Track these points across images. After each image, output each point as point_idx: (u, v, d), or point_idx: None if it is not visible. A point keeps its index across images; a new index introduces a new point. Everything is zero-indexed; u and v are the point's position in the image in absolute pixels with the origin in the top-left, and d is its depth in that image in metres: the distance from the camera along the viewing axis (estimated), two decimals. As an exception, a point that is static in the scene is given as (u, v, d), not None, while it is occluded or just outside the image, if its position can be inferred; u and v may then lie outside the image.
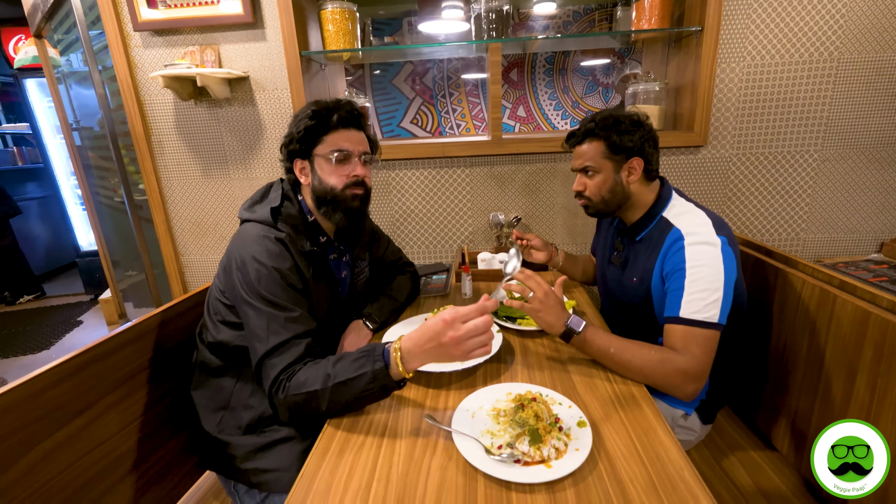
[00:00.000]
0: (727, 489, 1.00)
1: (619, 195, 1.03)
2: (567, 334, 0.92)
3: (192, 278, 1.89)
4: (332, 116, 0.96)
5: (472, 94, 3.22)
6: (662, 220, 1.00)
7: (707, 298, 0.86)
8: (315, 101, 0.99)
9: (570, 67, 2.91)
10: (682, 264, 0.90)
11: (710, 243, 0.90)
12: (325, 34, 1.56)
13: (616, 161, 1.01)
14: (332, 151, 0.96)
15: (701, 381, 0.85)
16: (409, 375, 0.77)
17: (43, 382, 0.76)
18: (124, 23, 1.60)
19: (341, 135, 0.97)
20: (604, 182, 1.02)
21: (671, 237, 0.95)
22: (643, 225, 1.04)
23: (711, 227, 0.93)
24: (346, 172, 0.98)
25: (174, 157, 1.73)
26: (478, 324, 0.72)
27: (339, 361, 0.80)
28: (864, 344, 0.83)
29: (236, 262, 0.90)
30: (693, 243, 0.91)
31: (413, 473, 0.65)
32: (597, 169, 1.02)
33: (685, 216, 0.98)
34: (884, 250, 1.66)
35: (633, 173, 1.01)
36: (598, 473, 0.63)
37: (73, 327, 3.17)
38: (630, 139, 0.98)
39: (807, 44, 1.49)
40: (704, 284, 0.87)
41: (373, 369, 0.76)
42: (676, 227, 0.95)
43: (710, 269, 0.88)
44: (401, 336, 0.78)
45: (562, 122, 2.79)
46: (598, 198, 1.04)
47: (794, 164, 1.61)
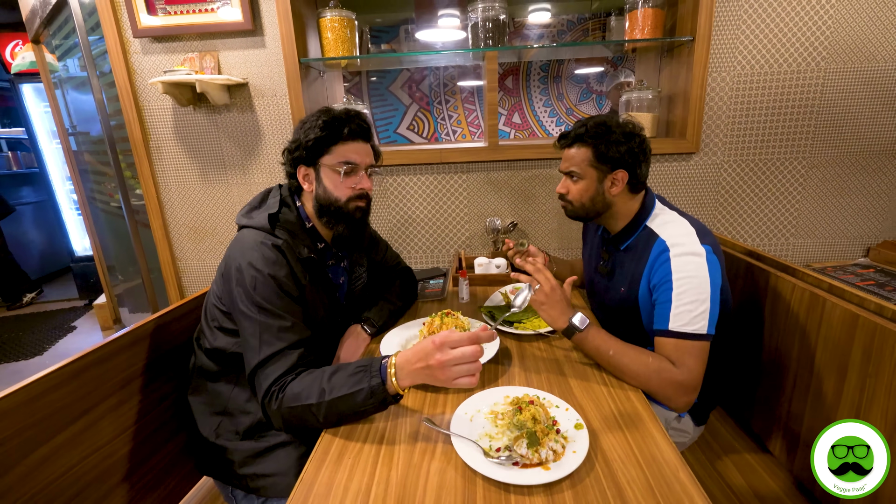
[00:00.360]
0: (721, 490, 1.01)
1: (598, 204, 1.03)
2: (569, 330, 0.93)
3: (188, 283, 1.88)
4: (344, 128, 0.96)
5: (467, 101, 3.26)
6: (646, 229, 1.01)
7: (695, 310, 0.87)
8: (325, 110, 0.98)
9: (565, 75, 2.96)
10: (668, 276, 0.91)
11: (695, 253, 0.91)
12: (324, 41, 1.58)
13: (601, 171, 1.01)
14: (340, 163, 0.96)
15: (694, 394, 0.86)
16: (402, 392, 0.77)
17: (41, 387, 0.76)
18: (124, 29, 1.61)
19: (350, 146, 0.98)
20: (586, 189, 1.03)
21: (656, 248, 0.96)
22: (627, 234, 1.05)
23: (695, 237, 0.93)
24: (352, 185, 0.98)
25: (172, 162, 1.74)
26: (465, 352, 0.72)
27: (335, 375, 0.79)
28: (853, 346, 0.85)
29: (233, 268, 0.90)
30: (678, 255, 0.92)
31: (412, 477, 0.66)
32: (581, 175, 1.03)
33: (669, 226, 0.98)
34: (870, 255, 1.70)
35: (616, 185, 1.01)
36: (595, 475, 0.64)
37: (67, 332, 3.14)
38: (618, 150, 0.98)
39: (794, 54, 1.53)
40: (692, 296, 0.88)
41: (370, 385, 0.76)
42: (661, 238, 0.96)
43: (697, 281, 0.89)
44: (398, 351, 0.79)
45: (556, 129, 2.82)
46: (579, 203, 1.05)
47: (784, 171, 1.64)
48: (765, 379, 1.11)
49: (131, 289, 2.53)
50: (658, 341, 0.91)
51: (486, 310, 1.20)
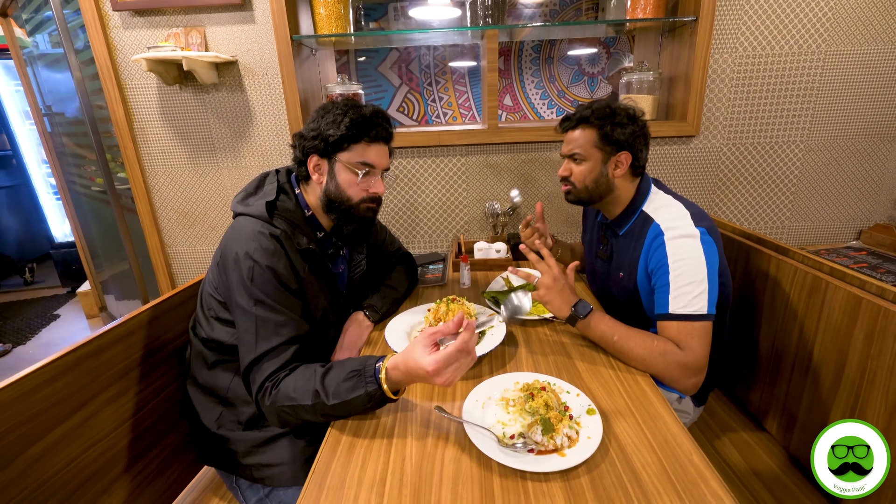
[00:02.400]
0: (720, 468, 1.03)
1: (602, 186, 1.03)
2: (572, 318, 0.94)
3: (179, 270, 1.83)
4: (371, 130, 0.93)
5: (458, 83, 3.19)
6: (643, 214, 1.02)
7: (693, 291, 0.88)
8: (352, 105, 0.93)
9: (557, 56, 2.90)
10: (664, 260, 0.92)
11: (689, 235, 0.91)
12: (317, 18, 1.51)
13: (605, 152, 1.01)
14: (359, 163, 0.93)
15: (701, 375, 0.87)
16: (394, 398, 0.75)
17: (34, 381, 0.73)
18: (102, 1, 1.51)
19: (372, 148, 0.95)
20: (590, 171, 1.02)
21: (651, 232, 0.96)
22: (625, 219, 1.05)
23: (689, 220, 0.94)
24: (367, 187, 0.96)
25: (159, 144, 1.67)
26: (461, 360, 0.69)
27: (327, 377, 0.77)
28: (854, 328, 0.86)
29: (230, 258, 0.88)
30: (673, 238, 0.92)
31: (427, 466, 0.66)
32: (585, 157, 1.02)
33: (663, 210, 0.99)
34: (862, 237, 1.73)
35: (620, 167, 1.01)
36: (610, 460, 0.65)
37: (51, 321, 3.05)
38: (622, 132, 0.98)
39: (796, 35, 1.52)
40: (689, 278, 0.88)
41: (367, 391, 0.73)
42: (656, 222, 0.97)
43: (693, 262, 0.89)
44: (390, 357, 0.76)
45: (548, 112, 2.79)
46: (582, 185, 1.04)
47: (781, 154, 1.65)
48: (763, 359, 1.13)
49: (117, 275, 2.46)
50: (660, 325, 0.91)
51: (490, 295, 1.19)
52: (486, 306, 1.15)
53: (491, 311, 1.10)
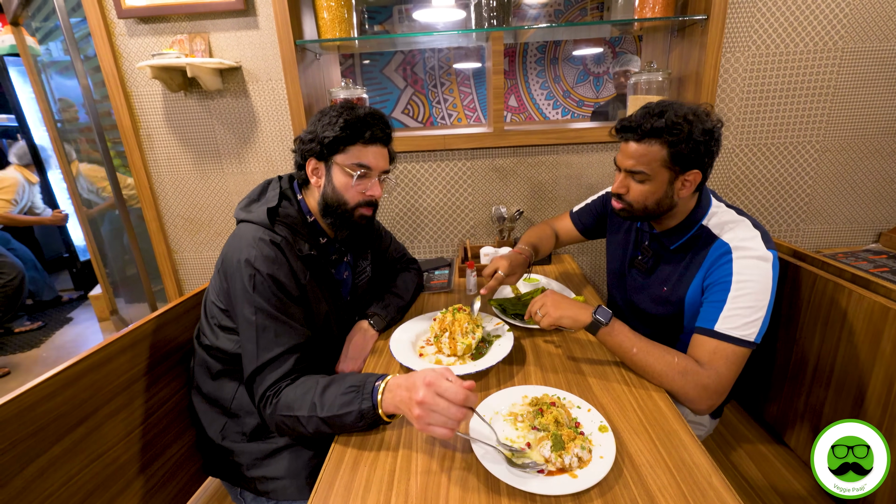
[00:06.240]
0: (738, 484, 1.00)
1: (664, 206, 0.91)
2: (594, 325, 0.88)
3: (185, 276, 1.83)
4: (367, 132, 0.91)
5: (463, 84, 3.16)
6: (702, 228, 0.92)
7: (749, 316, 0.81)
8: (348, 108, 0.92)
9: (562, 57, 2.86)
10: (727, 277, 0.84)
11: (762, 258, 0.83)
12: (321, 22, 1.50)
13: (674, 172, 0.87)
14: (354, 165, 0.92)
15: (719, 399, 0.82)
16: (387, 420, 0.74)
17: (34, 397, 0.72)
18: (107, 9, 1.51)
19: (368, 150, 0.93)
20: (653, 192, 0.89)
21: (716, 250, 0.88)
22: (679, 233, 0.95)
23: (760, 241, 0.86)
24: (362, 190, 0.94)
25: (164, 151, 1.67)
26: (450, 411, 0.64)
27: (328, 389, 0.76)
28: (881, 339, 0.83)
29: (231, 266, 0.87)
30: (743, 257, 0.84)
31: (433, 487, 0.63)
32: (650, 176, 0.88)
33: (730, 227, 0.89)
34: (881, 240, 1.67)
35: (686, 186, 0.88)
36: (624, 482, 0.62)
37: (64, 324, 3.09)
38: (697, 149, 0.84)
39: (812, 33, 1.47)
40: (749, 301, 0.81)
41: (360, 409, 0.72)
42: (722, 240, 0.88)
43: (759, 286, 0.82)
44: (392, 375, 0.74)
45: (553, 112, 2.76)
46: (641, 206, 0.92)
47: (796, 155, 1.60)
48: (781, 370, 1.09)
49: (126, 279, 2.47)
50: (696, 339, 0.85)
51: (497, 303, 1.17)
52: (493, 314, 1.13)
53: (498, 321, 1.08)
